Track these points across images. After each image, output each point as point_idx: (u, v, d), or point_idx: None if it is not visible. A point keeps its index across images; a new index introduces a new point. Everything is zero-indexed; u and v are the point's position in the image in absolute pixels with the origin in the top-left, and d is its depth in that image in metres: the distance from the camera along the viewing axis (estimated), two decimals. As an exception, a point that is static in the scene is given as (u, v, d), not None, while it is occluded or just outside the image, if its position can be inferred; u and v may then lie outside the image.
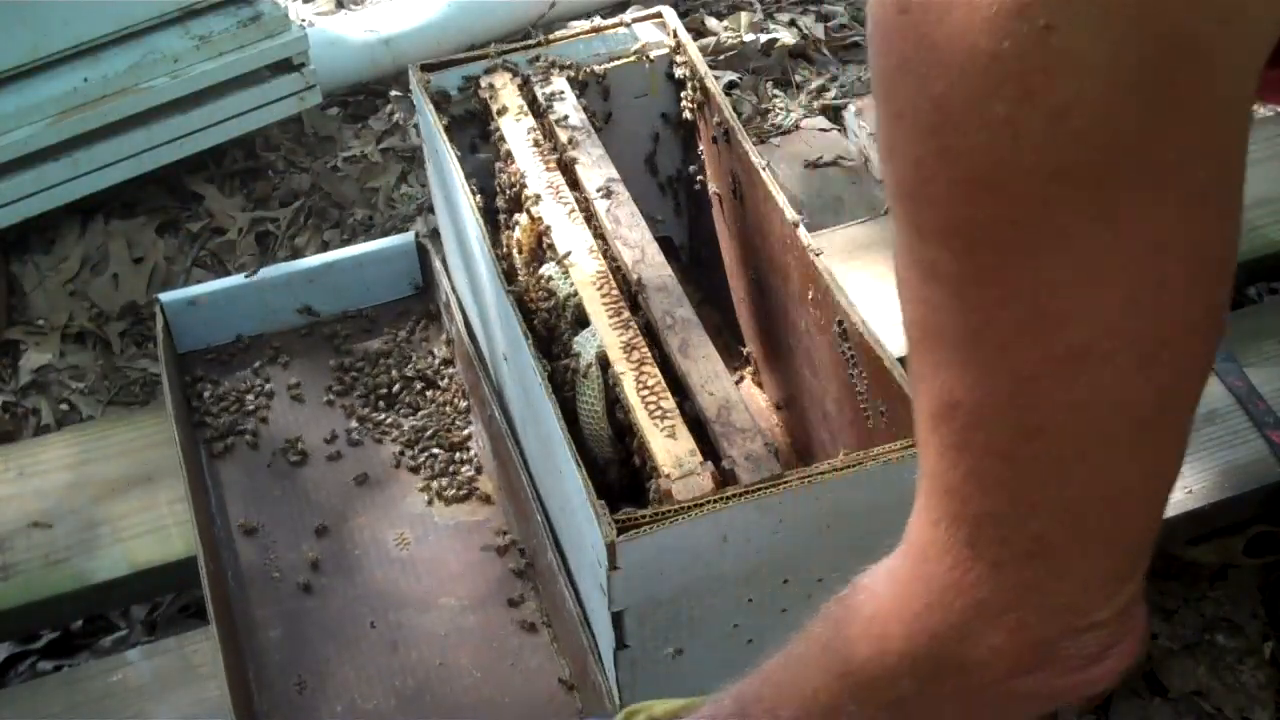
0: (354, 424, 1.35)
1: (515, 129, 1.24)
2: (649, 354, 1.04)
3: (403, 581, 1.23)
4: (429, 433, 1.33)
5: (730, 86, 1.94)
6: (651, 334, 1.08)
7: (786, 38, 2.03)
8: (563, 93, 1.28)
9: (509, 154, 1.23)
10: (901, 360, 1.02)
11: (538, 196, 1.18)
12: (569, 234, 1.15)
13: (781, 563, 0.97)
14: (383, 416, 1.35)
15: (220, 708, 1.08)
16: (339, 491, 1.30)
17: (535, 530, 1.18)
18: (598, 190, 1.19)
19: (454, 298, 1.39)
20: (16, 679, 1.33)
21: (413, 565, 1.24)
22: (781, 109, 1.92)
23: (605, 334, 1.06)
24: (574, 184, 1.20)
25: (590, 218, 1.17)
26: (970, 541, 0.60)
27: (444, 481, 1.30)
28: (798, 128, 1.90)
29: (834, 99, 1.95)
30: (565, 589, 1.11)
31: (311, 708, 1.14)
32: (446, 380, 1.38)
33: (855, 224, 1.61)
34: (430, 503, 1.29)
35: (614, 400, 1.06)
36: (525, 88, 1.29)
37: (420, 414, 1.35)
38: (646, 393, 1.01)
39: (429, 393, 1.37)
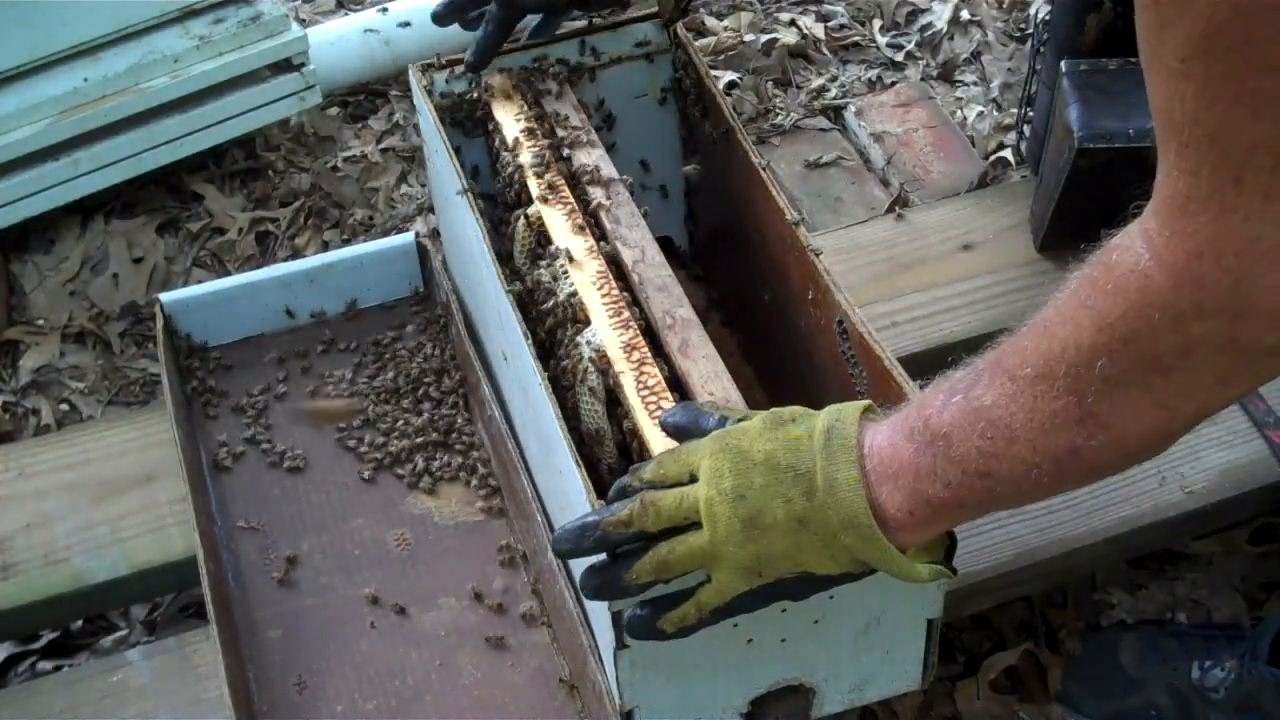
0: (354, 424, 1.35)
1: (515, 129, 1.24)
2: (649, 354, 1.04)
3: (403, 581, 1.23)
4: (429, 433, 1.33)
5: (730, 86, 1.94)
6: (651, 334, 1.08)
7: (786, 38, 2.03)
8: (562, 92, 1.29)
9: (508, 153, 1.23)
10: (901, 360, 1.02)
11: (537, 196, 1.18)
12: (569, 234, 1.15)
13: (781, 563, 0.97)
14: (382, 416, 1.35)
15: (220, 708, 1.08)
16: (339, 491, 1.30)
17: (535, 530, 1.18)
18: (598, 190, 1.19)
19: (454, 298, 1.39)
20: (16, 679, 1.33)
21: (413, 565, 1.24)
22: (781, 109, 1.92)
23: (605, 334, 1.06)
24: (573, 184, 1.20)
25: (590, 217, 1.17)
26: (1237, 179, 0.60)
27: (444, 481, 1.30)
28: (798, 128, 1.90)
29: (834, 99, 1.94)
30: (565, 589, 1.11)
31: (311, 708, 1.14)
32: (446, 380, 1.38)
33: (855, 224, 1.61)
34: (430, 503, 1.29)
35: (614, 400, 1.06)
36: (525, 87, 1.29)
37: (420, 414, 1.35)
38: (646, 393, 1.01)
39: (428, 393, 1.37)
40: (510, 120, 1.25)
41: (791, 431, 0.84)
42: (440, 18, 1.29)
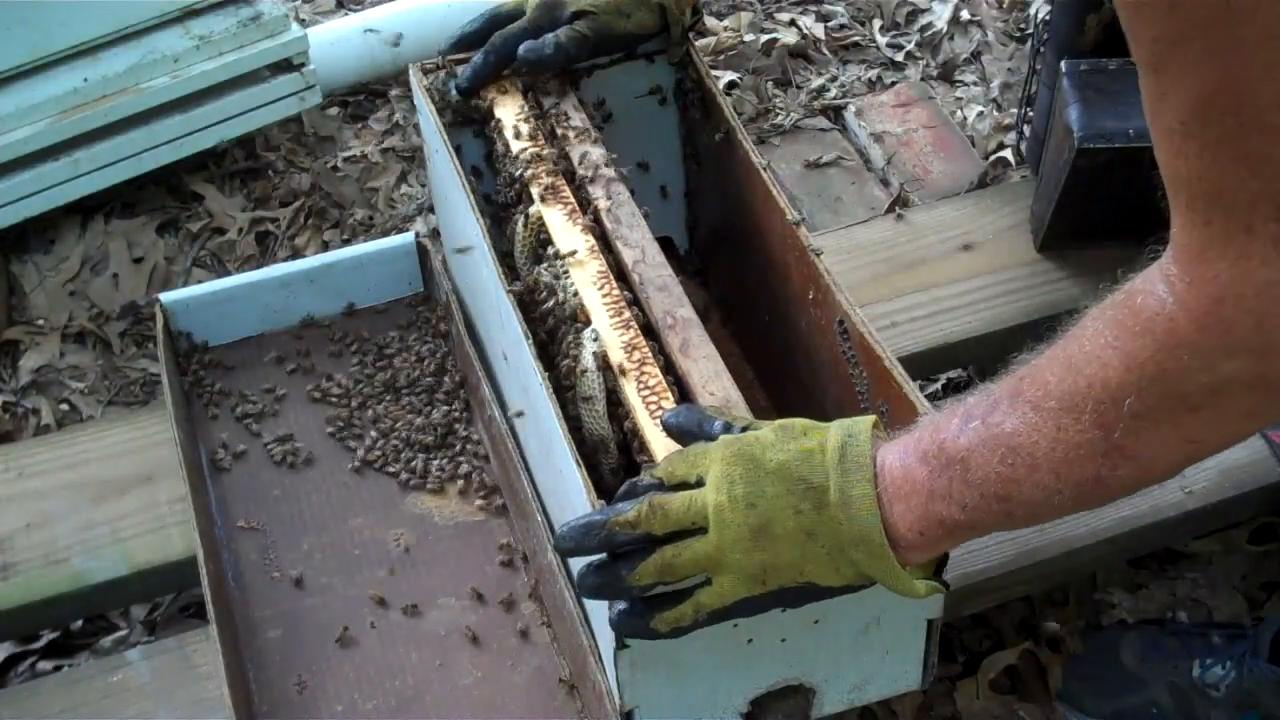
0: (353, 424, 1.35)
1: (516, 128, 1.24)
2: (649, 354, 1.04)
3: (403, 581, 1.23)
4: (429, 433, 1.33)
5: (730, 86, 1.94)
6: (651, 334, 1.08)
7: (786, 38, 2.03)
8: (563, 91, 1.28)
9: (509, 152, 1.23)
10: (901, 360, 1.02)
11: (538, 195, 1.18)
12: (569, 233, 1.15)
13: (781, 563, 0.96)
14: (382, 416, 1.35)
15: (220, 708, 1.08)
16: (339, 491, 1.30)
17: (535, 530, 1.18)
18: (598, 190, 1.19)
19: (454, 298, 1.39)
20: (16, 679, 1.33)
21: (413, 565, 1.24)
22: (781, 109, 1.92)
23: (606, 334, 1.06)
24: (574, 183, 1.20)
25: (590, 217, 1.17)
26: (1248, 227, 0.64)
27: (443, 481, 1.30)
28: (798, 128, 1.90)
29: (834, 99, 1.95)
30: (565, 589, 1.11)
31: (311, 708, 1.14)
32: (446, 380, 1.38)
33: (855, 224, 1.61)
34: (430, 503, 1.29)
35: (614, 401, 1.06)
36: (526, 86, 1.29)
37: (420, 414, 1.35)
38: (647, 393, 1.01)
39: (428, 393, 1.37)
40: (511, 119, 1.25)
41: (804, 444, 0.85)
42: (449, 55, 1.30)
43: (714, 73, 1.33)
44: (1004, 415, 0.78)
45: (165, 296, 1.40)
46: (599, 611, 0.99)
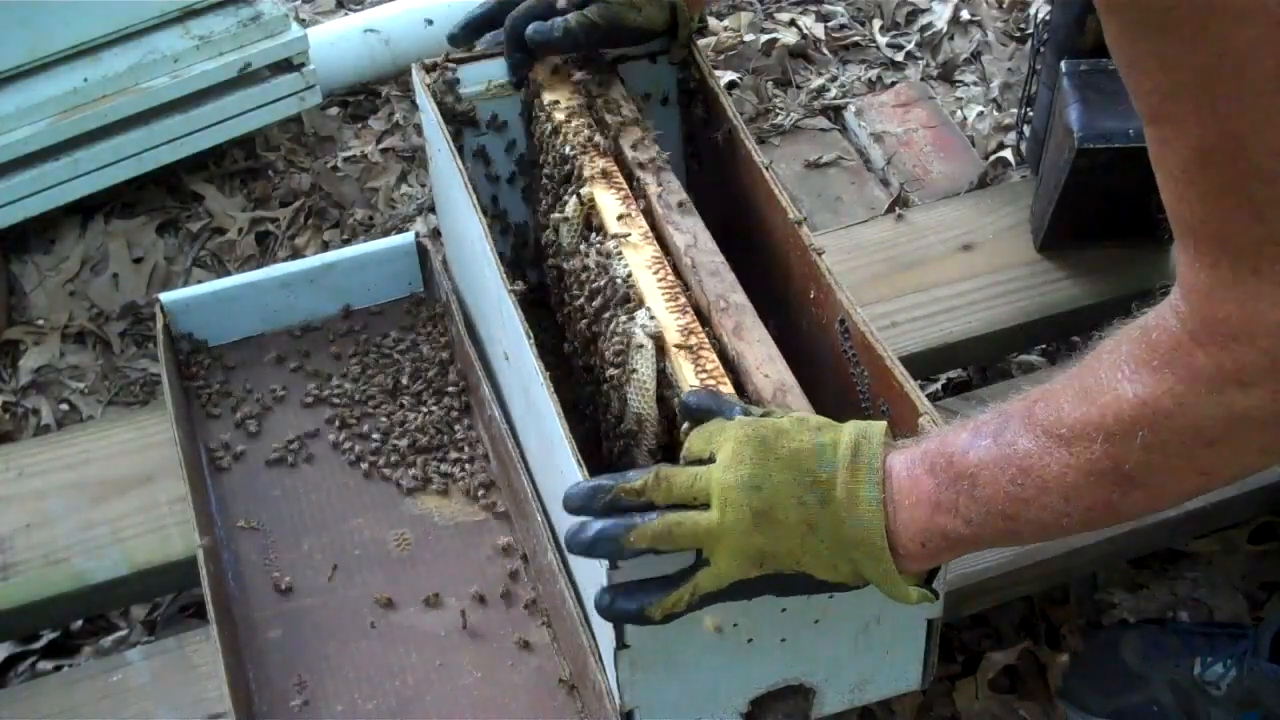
0: (353, 424, 1.35)
1: (568, 110, 1.23)
2: (705, 339, 1.03)
3: (403, 581, 1.23)
4: (429, 433, 1.33)
5: (730, 86, 1.94)
6: (702, 317, 1.07)
7: (786, 38, 2.03)
8: (611, 81, 1.27)
9: (560, 133, 1.22)
10: (902, 359, 1.02)
11: (589, 178, 1.17)
12: (622, 217, 1.13)
13: (782, 562, 0.96)
14: (382, 417, 1.35)
15: (220, 708, 1.08)
16: (339, 491, 1.30)
17: (535, 530, 1.18)
18: (649, 176, 1.17)
19: (454, 298, 1.39)
20: (16, 679, 1.33)
21: (413, 565, 1.24)
22: (781, 109, 1.92)
23: (662, 317, 1.05)
24: (625, 168, 1.19)
25: (643, 203, 1.16)
26: (1254, 269, 0.65)
27: (444, 482, 1.30)
28: (798, 128, 1.90)
29: (834, 99, 1.95)
30: (565, 589, 1.11)
31: (311, 708, 1.14)
32: (446, 381, 1.38)
33: (855, 224, 1.61)
34: (430, 503, 1.29)
35: (663, 383, 1.04)
36: (574, 73, 1.27)
37: (420, 414, 1.35)
38: (705, 376, 1.00)
39: (429, 393, 1.37)
40: (562, 101, 1.24)
41: (818, 437, 0.85)
42: (457, 40, 1.29)
43: (715, 72, 1.32)
44: (1015, 435, 0.78)
45: (165, 296, 1.40)
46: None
